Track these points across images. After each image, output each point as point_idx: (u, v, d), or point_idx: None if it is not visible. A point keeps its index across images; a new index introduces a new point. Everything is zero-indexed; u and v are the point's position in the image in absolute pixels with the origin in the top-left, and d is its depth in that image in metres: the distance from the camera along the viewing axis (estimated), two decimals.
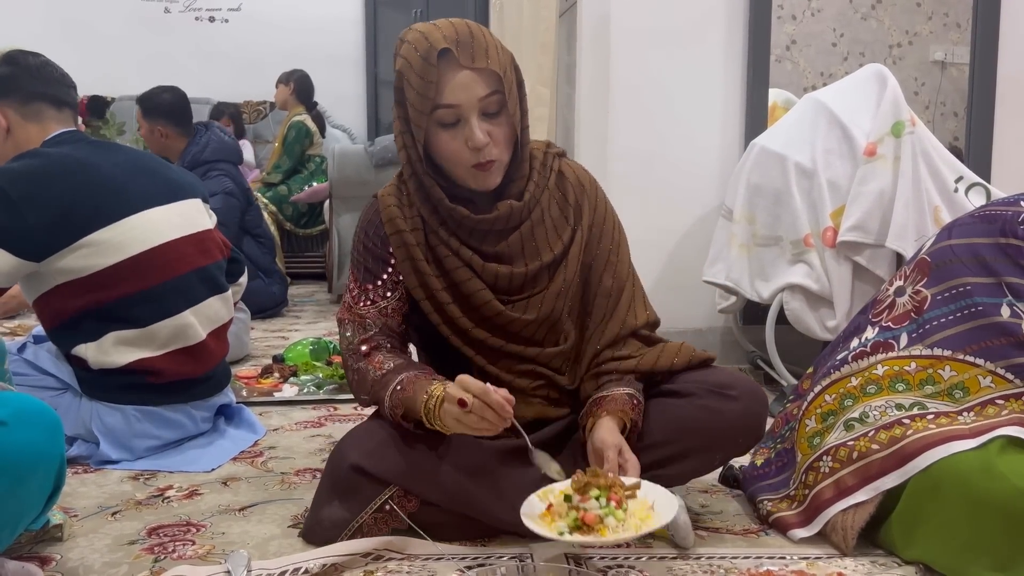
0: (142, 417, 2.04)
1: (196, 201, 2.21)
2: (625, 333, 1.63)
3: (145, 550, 1.54)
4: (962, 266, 1.62)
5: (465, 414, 1.38)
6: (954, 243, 1.66)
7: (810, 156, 2.50)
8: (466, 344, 1.61)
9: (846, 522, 1.53)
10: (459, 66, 1.47)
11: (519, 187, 1.59)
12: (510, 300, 1.60)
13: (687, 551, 1.53)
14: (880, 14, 3.49)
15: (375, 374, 1.55)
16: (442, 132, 1.51)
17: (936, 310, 1.63)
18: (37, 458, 1.28)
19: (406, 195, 1.61)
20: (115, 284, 1.97)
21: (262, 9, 6.60)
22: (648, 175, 3.04)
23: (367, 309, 1.61)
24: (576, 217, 1.65)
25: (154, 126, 3.76)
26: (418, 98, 1.48)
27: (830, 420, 1.65)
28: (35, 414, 1.29)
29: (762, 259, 2.60)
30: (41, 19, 6.21)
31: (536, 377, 1.63)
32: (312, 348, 2.99)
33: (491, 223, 1.58)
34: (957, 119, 3.40)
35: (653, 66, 3.02)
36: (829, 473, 1.59)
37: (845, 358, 1.70)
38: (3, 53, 2.07)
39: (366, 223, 1.64)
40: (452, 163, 1.53)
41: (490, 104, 1.49)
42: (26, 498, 1.31)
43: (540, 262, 1.60)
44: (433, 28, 1.50)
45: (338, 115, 6.50)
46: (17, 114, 2.03)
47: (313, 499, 1.59)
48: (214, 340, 2.16)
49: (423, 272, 1.59)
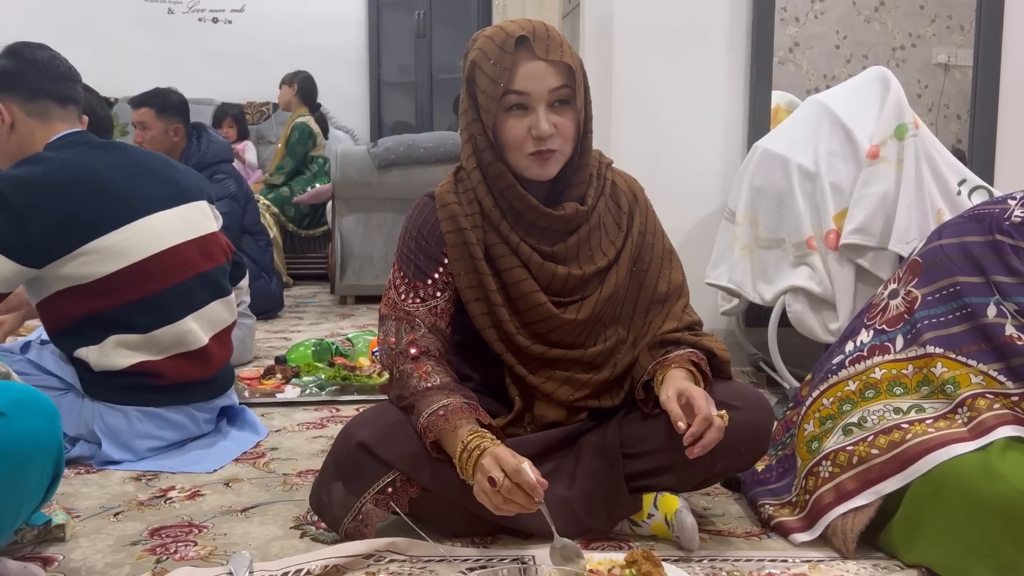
0: (144, 418, 2.04)
1: (202, 203, 2.20)
2: (682, 327, 1.65)
3: (147, 551, 1.55)
4: (952, 265, 1.62)
5: (492, 491, 1.36)
6: (944, 243, 1.66)
7: (813, 158, 2.50)
8: (508, 351, 1.61)
9: (846, 526, 1.53)
10: (533, 55, 1.50)
11: (580, 191, 1.61)
12: (560, 302, 1.61)
13: (691, 553, 1.53)
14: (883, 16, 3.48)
15: (419, 384, 1.53)
16: (509, 118, 1.53)
17: (927, 310, 1.63)
18: (36, 447, 1.28)
19: (464, 192, 1.62)
20: (116, 291, 1.97)
21: (265, 10, 6.60)
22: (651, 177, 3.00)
23: (416, 307, 1.60)
24: (628, 224, 1.67)
25: (169, 125, 3.74)
26: (490, 84, 1.51)
27: (828, 424, 1.65)
28: (33, 403, 1.29)
29: (765, 261, 2.60)
30: (44, 20, 6.22)
31: (577, 386, 1.63)
32: (314, 349, 2.99)
33: (555, 220, 1.59)
34: (960, 122, 3.39)
35: (656, 68, 3.02)
36: (829, 478, 1.59)
37: (842, 362, 1.70)
38: (8, 46, 2.06)
39: (420, 221, 1.63)
40: (512, 148, 1.55)
41: (559, 96, 1.52)
42: (26, 487, 1.31)
43: (594, 266, 1.62)
44: (509, 22, 1.54)
45: (341, 116, 6.51)
46: (21, 110, 2.01)
47: (318, 475, 1.60)
48: (216, 344, 2.16)
49: (480, 272, 1.59)
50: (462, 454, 1.43)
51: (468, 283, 1.59)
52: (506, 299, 1.60)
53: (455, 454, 1.44)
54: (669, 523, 1.55)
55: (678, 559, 1.51)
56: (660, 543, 1.57)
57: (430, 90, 6.46)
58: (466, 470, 1.43)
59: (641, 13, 3.00)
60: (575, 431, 1.64)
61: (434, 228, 1.61)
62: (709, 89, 3.04)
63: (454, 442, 1.45)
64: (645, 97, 3.01)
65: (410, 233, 1.63)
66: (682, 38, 3.02)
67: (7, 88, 2.01)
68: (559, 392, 1.62)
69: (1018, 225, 1.59)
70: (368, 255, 4.67)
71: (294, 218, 5.41)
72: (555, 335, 1.62)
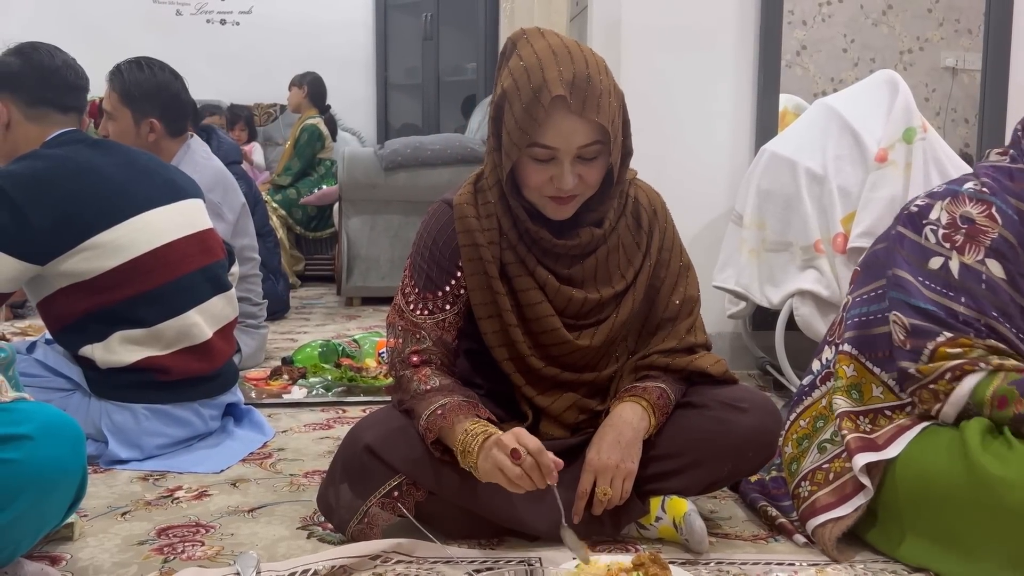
0: (151, 415, 2.05)
1: (198, 200, 2.21)
2: (681, 348, 1.62)
3: (155, 550, 1.55)
4: (879, 267, 1.61)
5: (510, 465, 1.36)
6: (878, 246, 1.66)
7: (821, 162, 2.49)
8: (518, 371, 1.59)
9: (824, 534, 1.53)
10: (568, 112, 1.42)
11: (599, 215, 1.57)
12: (576, 326, 1.59)
13: (698, 556, 1.53)
14: (891, 20, 3.48)
15: (418, 387, 1.53)
16: (531, 163, 1.47)
17: (851, 311, 1.65)
18: (62, 472, 1.30)
19: (483, 205, 1.57)
20: (119, 286, 1.97)
21: (273, 12, 6.61)
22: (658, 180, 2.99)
23: (423, 318, 1.58)
24: (647, 244, 1.63)
25: None
26: (517, 129, 1.44)
27: (804, 444, 1.66)
28: (60, 428, 1.30)
29: (772, 265, 2.60)
30: (52, 21, 6.23)
31: (581, 411, 1.63)
32: (321, 350, 2.99)
33: (570, 249, 1.56)
34: (968, 126, 3.39)
35: (664, 71, 3.02)
36: (808, 497, 1.59)
37: (812, 382, 1.71)
38: (19, 44, 2.05)
39: (436, 230, 1.59)
40: (531, 190, 1.51)
41: (589, 151, 1.46)
42: (49, 510, 1.32)
43: (612, 289, 1.59)
44: (551, 58, 1.43)
45: (348, 118, 6.51)
46: (20, 112, 2.01)
47: (326, 476, 1.60)
48: (220, 338, 2.17)
49: (495, 290, 1.55)
50: (464, 439, 1.42)
51: (482, 299, 1.57)
52: (520, 319, 1.57)
53: (458, 444, 1.44)
54: (677, 526, 1.55)
55: (685, 562, 1.51)
56: (667, 546, 1.57)
57: (437, 92, 6.46)
58: (470, 453, 1.42)
59: (649, 16, 3.00)
60: (583, 439, 1.63)
61: (450, 239, 1.57)
62: (717, 92, 3.04)
63: (456, 433, 1.45)
64: (653, 100, 3.01)
65: (424, 242, 1.60)
66: (690, 41, 3.01)
67: (8, 87, 2.01)
68: (566, 415, 1.62)
69: (912, 215, 1.56)
70: (375, 257, 4.67)
71: (301, 220, 5.41)
72: (568, 358, 1.60)
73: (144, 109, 2.70)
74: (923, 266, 1.51)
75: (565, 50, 1.45)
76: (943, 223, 1.51)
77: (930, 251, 1.51)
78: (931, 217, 1.53)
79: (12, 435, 1.25)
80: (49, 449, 1.26)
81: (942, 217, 1.52)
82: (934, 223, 1.52)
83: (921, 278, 1.50)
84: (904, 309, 1.50)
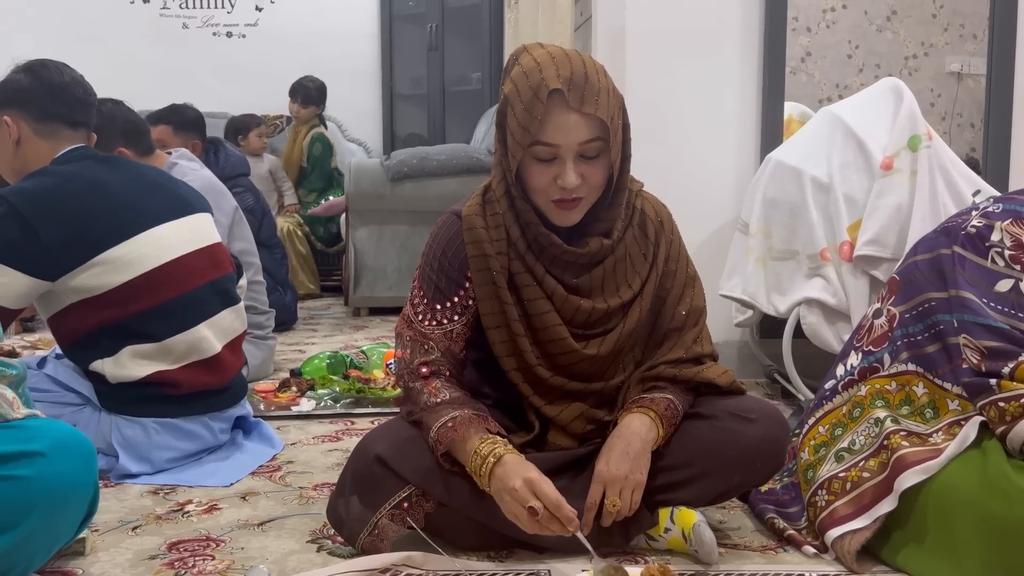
0: (161, 429, 2.06)
1: (206, 215, 2.23)
2: (688, 359, 1.63)
3: (166, 565, 1.56)
4: (926, 281, 1.60)
5: (527, 521, 1.41)
6: (919, 259, 1.64)
7: (826, 170, 2.49)
8: (526, 381, 1.60)
9: (843, 546, 1.52)
10: (567, 108, 1.45)
11: (607, 225, 1.58)
12: (583, 335, 1.60)
13: (708, 567, 1.53)
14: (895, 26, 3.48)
15: (428, 399, 1.54)
16: (535, 164, 1.50)
17: (903, 328, 1.62)
18: (74, 488, 1.31)
19: (492, 215, 1.58)
20: (129, 301, 1.99)
21: (279, 25, 6.64)
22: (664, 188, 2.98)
23: (431, 329, 1.59)
24: (654, 254, 1.64)
25: (187, 141, 3.77)
26: (519, 129, 1.47)
27: (822, 452, 1.65)
28: (72, 444, 1.32)
29: (778, 273, 2.60)
30: (58, 33, 6.27)
31: (589, 421, 1.63)
32: (329, 362, 3.00)
33: (579, 256, 1.57)
34: (974, 130, 3.38)
35: (668, 79, 3.02)
36: (825, 506, 1.58)
37: (835, 387, 1.70)
38: (28, 61, 2.07)
39: (445, 241, 1.60)
40: (536, 192, 1.53)
41: (590, 149, 1.48)
42: (61, 526, 1.34)
43: (619, 299, 1.60)
44: (549, 60, 1.47)
45: (354, 129, 6.53)
46: (30, 128, 2.03)
47: (335, 488, 1.61)
48: (229, 352, 2.18)
49: (503, 300, 1.57)
50: (475, 462, 1.45)
51: (490, 309, 1.58)
52: (527, 329, 1.58)
53: (468, 463, 1.46)
54: (687, 537, 1.55)
55: (695, 573, 1.51)
56: (676, 557, 1.57)
57: (443, 102, 6.47)
58: (482, 477, 1.45)
59: (652, 25, 3.00)
60: (590, 449, 1.64)
61: (459, 250, 1.58)
62: (722, 100, 3.04)
63: (466, 452, 1.46)
64: (658, 108, 3.01)
65: (433, 253, 1.61)
66: (694, 49, 3.02)
67: (18, 104, 2.03)
68: (573, 425, 1.62)
69: (971, 236, 1.56)
70: (382, 267, 4.68)
71: (323, 237, 5.43)
72: (576, 368, 1.61)
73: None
74: (990, 288, 1.51)
75: (563, 54, 1.49)
76: (1007, 244, 1.52)
77: (998, 274, 1.51)
78: (993, 239, 1.53)
79: (25, 452, 1.27)
80: (61, 466, 1.28)
81: (1005, 239, 1.53)
82: (998, 245, 1.53)
83: (986, 299, 1.50)
84: (975, 331, 1.48)
